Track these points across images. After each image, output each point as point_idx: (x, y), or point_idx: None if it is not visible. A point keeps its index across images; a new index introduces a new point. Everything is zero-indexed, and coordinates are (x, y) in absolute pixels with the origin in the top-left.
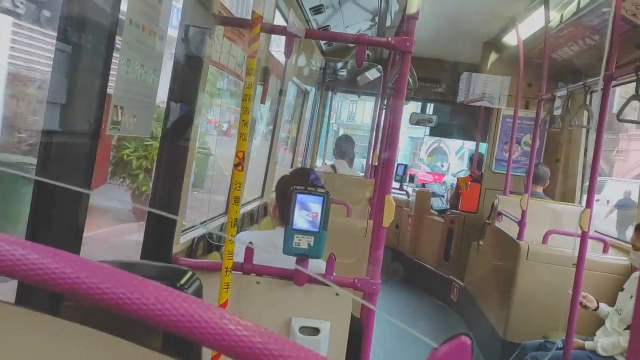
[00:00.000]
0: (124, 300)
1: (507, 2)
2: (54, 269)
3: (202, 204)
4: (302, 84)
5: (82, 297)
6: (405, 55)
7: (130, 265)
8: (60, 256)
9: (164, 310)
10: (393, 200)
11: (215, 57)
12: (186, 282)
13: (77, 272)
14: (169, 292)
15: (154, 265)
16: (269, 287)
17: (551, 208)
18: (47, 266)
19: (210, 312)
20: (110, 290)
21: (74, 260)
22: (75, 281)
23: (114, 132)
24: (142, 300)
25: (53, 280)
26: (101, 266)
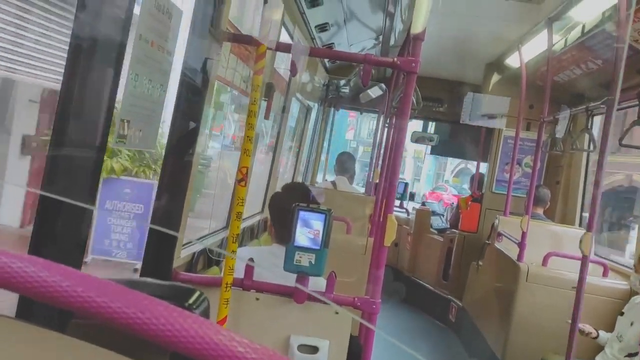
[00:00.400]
0: (134, 319)
1: (510, 25)
2: (66, 287)
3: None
4: (305, 100)
5: (92, 315)
6: (411, 75)
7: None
8: (71, 274)
9: (174, 331)
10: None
11: (221, 73)
12: (194, 301)
13: (88, 291)
14: (179, 312)
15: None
16: (268, 303)
17: (551, 230)
18: (58, 284)
19: (219, 334)
20: (121, 309)
21: (85, 279)
22: (86, 299)
23: (119, 146)
24: (152, 320)
25: (64, 298)
26: (112, 285)
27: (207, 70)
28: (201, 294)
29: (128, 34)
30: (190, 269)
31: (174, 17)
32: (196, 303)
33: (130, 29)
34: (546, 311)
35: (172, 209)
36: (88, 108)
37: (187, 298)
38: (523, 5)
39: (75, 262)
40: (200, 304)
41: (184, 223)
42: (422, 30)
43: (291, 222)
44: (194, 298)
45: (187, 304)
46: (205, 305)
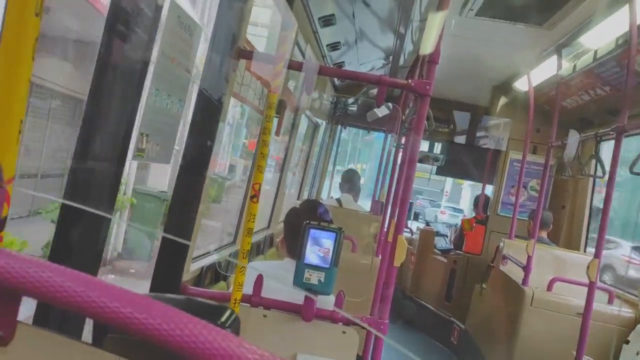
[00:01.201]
0: (174, 337)
1: (519, 50)
2: (108, 303)
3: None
4: (314, 117)
5: (131, 332)
6: (424, 98)
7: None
8: (111, 291)
9: (213, 350)
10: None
11: (236, 89)
12: (226, 320)
13: (128, 307)
14: (217, 332)
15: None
16: (276, 320)
17: (556, 255)
18: (106, 304)
19: (256, 354)
20: (161, 326)
21: (125, 294)
22: (127, 315)
23: (138, 159)
24: (192, 339)
25: (106, 314)
26: (152, 302)
27: (224, 87)
28: (232, 312)
29: (152, 50)
30: (199, 283)
31: (194, 35)
32: (228, 321)
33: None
34: (550, 337)
35: (184, 223)
36: (111, 121)
37: (220, 316)
38: (533, 31)
39: (92, 271)
40: (232, 322)
41: (194, 237)
42: (431, 51)
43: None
44: (226, 316)
45: (220, 322)
46: (237, 324)
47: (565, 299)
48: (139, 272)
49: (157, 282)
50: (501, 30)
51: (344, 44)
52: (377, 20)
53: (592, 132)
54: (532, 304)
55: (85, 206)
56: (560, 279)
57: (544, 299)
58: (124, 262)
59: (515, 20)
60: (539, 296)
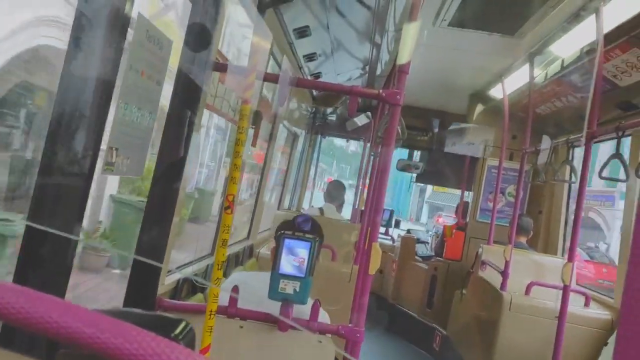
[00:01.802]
0: (122, 350)
1: (493, 58)
2: (56, 319)
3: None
4: (292, 127)
5: (81, 346)
6: (395, 107)
7: (125, 314)
8: (58, 305)
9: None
10: (379, 247)
11: (209, 101)
12: (180, 332)
13: (77, 322)
14: (166, 344)
15: (148, 314)
16: (252, 331)
17: (534, 259)
18: (48, 315)
19: None
20: (110, 340)
21: (73, 309)
22: (75, 330)
23: (107, 173)
24: (140, 352)
25: (53, 329)
26: (100, 316)
27: (197, 99)
28: (187, 324)
29: (119, 63)
30: (175, 295)
31: (164, 47)
32: (182, 333)
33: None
34: (529, 340)
35: (158, 236)
36: (77, 135)
37: (174, 328)
38: (505, 40)
39: (60, 289)
40: (186, 334)
41: (169, 250)
42: (407, 61)
43: (277, 249)
44: (180, 329)
45: (174, 335)
46: (191, 336)
47: (543, 303)
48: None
49: (131, 295)
50: (474, 39)
51: (321, 54)
52: (353, 31)
53: (565, 138)
54: (511, 308)
55: (52, 222)
56: (538, 283)
57: (522, 304)
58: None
59: (487, 29)
60: (516, 301)
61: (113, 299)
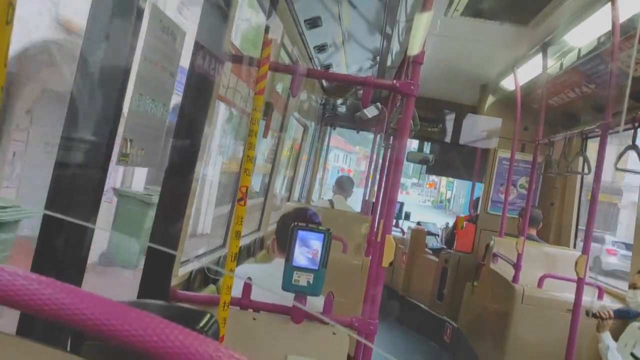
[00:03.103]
0: (150, 343)
1: (505, 49)
2: (83, 310)
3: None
4: (302, 119)
5: (107, 338)
6: (410, 98)
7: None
8: (86, 297)
9: (190, 355)
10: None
11: (222, 92)
12: (205, 324)
13: (105, 314)
14: (194, 337)
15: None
16: (265, 323)
17: (545, 251)
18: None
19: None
20: (138, 332)
21: (100, 301)
22: (103, 322)
23: (122, 164)
24: (168, 344)
25: (81, 321)
26: (127, 308)
27: (209, 90)
28: (211, 316)
29: (134, 54)
30: (188, 287)
31: (178, 39)
32: (207, 325)
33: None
34: (542, 333)
35: (171, 227)
36: (93, 127)
37: (199, 321)
38: (518, 30)
39: (77, 278)
40: (211, 326)
41: (182, 241)
42: (418, 51)
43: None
44: (205, 321)
45: (199, 327)
46: (216, 328)
47: (556, 296)
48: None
49: (145, 287)
50: (487, 29)
51: (331, 45)
52: (364, 22)
53: (579, 129)
54: (523, 301)
55: (68, 213)
56: (550, 276)
57: (535, 296)
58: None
59: (500, 19)
60: (529, 293)
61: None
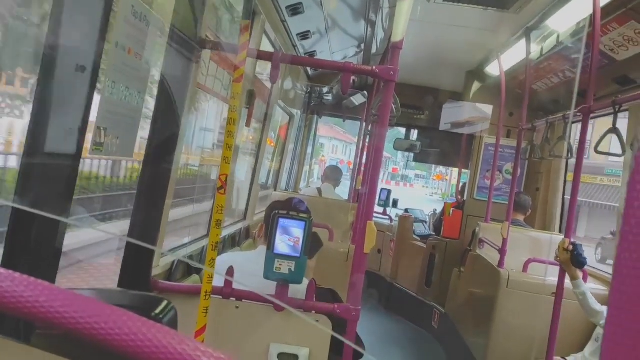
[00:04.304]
0: (97, 330)
1: (489, 34)
2: (28, 297)
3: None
4: (288, 107)
5: (56, 326)
6: (389, 84)
7: (106, 294)
8: (34, 285)
9: (138, 341)
10: (375, 226)
11: (201, 80)
12: (161, 311)
13: (51, 301)
14: (143, 322)
15: (129, 293)
16: (248, 312)
17: (531, 236)
18: (20, 294)
19: (184, 344)
20: (84, 319)
21: (48, 289)
22: (49, 310)
23: (96, 154)
24: (115, 331)
25: (27, 309)
26: (76, 295)
27: (187, 78)
28: (168, 303)
29: (104, 41)
30: (170, 277)
31: (151, 24)
32: (163, 312)
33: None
34: (527, 317)
35: (150, 217)
36: (63, 116)
37: (154, 308)
38: (502, 15)
39: (50, 272)
40: (167, 313)
41: (162, 231)
42: (402, 38)
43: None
44: (161, 308)
45: (154, 314)
46: (172, 315)
47: (540, 279)
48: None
49: (125, 277)
50: (470, 15)
51: (315, 32)
52: (347, 8)
53: (561, 114)
54: (508, 285)
55: (40, 205)
56: (535, 260)
57: (520, 280)
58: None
59: (483, 4)
60: (514, 278)
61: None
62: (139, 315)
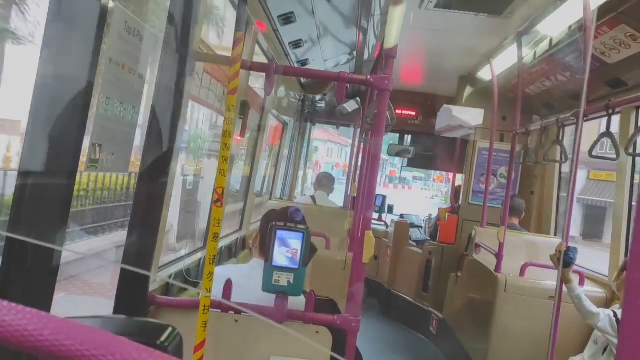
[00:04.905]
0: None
1: (481, 39)
2: (32, 331)
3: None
4: (281, 115)
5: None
6: (384, 93)
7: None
8: (37, 316)
9: None
10: (373, 235)
11: (195, 92)
12: (166, 339)
13: (56, 334)
14: (150, 353)
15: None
16: (247, 325)
17: (527, 240)
18: (24, 327)
19: None
20: (90, 352)
21: (51, 320)
22: (53, 343)
23: (92, 170)
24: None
25: (30, 342)
26: (80, 326)
27: (181, 91)
28: (173, 329)
29: (98, 57)
30: (167, 292)
31: (145, 39)
32: (168, 340)
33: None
34: (525, 321)
35: (147, 231)
36: (57, 134)
37: (159, 335)
38: (493, 20)
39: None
40: (172, 341)
41: (159, 246)
42: (394, 45)
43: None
44: (166, 335)
45: (159, 342)
46: (177, 342)
47: (538, 283)
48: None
49: (122, 292)
50: (462, 21)
51: (307, 41)
52: (339, 16)
53: (555, 117)
54: (506, 290)
55: (35, 224)
56: (532, 264)
57: (517, 285)
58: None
59: (474, 10)
60: (512, 282)
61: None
62: (145, 344)
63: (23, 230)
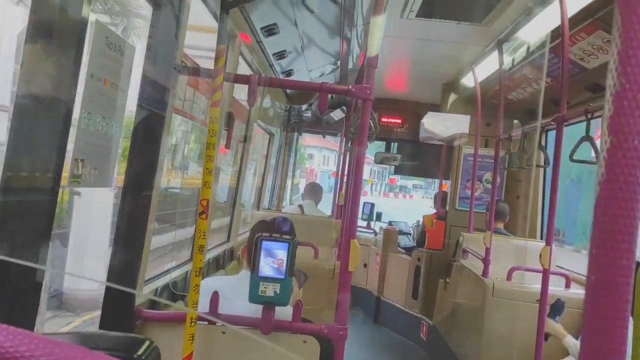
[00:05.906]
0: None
1: (463, 47)
2: (8, 347)
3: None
4: (267, 126)
5: None
6: (366, 102)
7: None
8: (13, 333)
9: None
10: (358, 243)
11: (178, 105)
12: (144, 352)
13: (33, 350)
14: None
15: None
16: (235, 336)
17: (514, 244)
18: (1, 344)
19: None
20: None
21: (29, 337)
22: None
23: (74, 186)
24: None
25: (6, 359)
26: (57, 343)
27: (164, 104)
28: (151, 343)
29: (79, 72)
30: (154, 305)
31: (126, 53)
32: (145, 353)
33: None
34: (514, 325)
35: (132, 245)
36: (38, 150)
37: (137, 349)
38: (473, 28)
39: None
40: (149, 354)
41: (145, 259)
42: (376, 54)
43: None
44: (143, 348)
45: (136, 356)
46: (154, 355)
47: (525, 287)
48: None
49: (108, 306)
50: (443, 29)
51: (291, 51)
52: (322, 26)
53: (534, 123)
54: (494, 294)
55: (17, 241)
56: (518, 268)
57: (505, 289)
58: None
59: (455, 18)
60: (499, 286)
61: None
62: (122, 358)
63: (5, 248)
